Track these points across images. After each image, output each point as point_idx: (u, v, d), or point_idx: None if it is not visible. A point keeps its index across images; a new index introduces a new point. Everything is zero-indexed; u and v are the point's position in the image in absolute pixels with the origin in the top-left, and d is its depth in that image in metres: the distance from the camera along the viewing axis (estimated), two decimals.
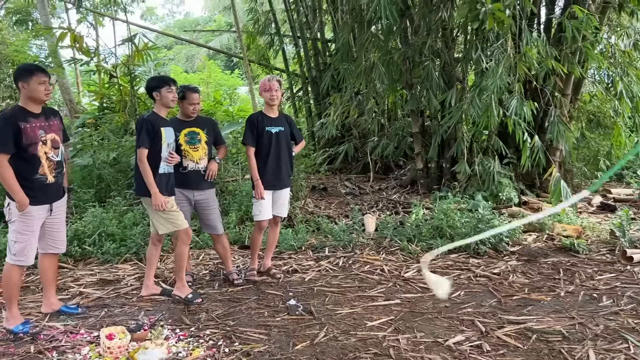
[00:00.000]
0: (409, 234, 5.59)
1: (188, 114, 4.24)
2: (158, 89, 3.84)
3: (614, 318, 3.65)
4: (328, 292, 4.16)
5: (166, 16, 39.82)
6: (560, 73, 6.93)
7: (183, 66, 25.61)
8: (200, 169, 4.22)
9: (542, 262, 4.96)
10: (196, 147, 4.23)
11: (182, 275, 3.96)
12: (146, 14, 31.15)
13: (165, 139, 3.82)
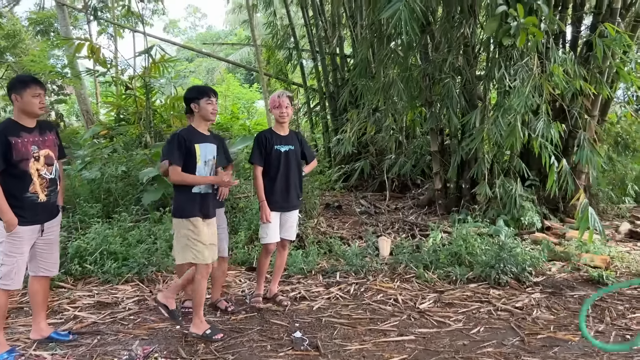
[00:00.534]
0: (426, 260, 5.30)
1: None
2: (196, 100, 3.56)
3: None
4: (337, 324, 3.89)
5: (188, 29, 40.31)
6: (587, 93, 6.62)
7: (203, 79, 25.72)
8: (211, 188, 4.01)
9: (569, 296, 4.61)
10: None
11: (200, 311, 3.61)
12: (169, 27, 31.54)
13: (200, 156, 3.53)
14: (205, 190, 3.57)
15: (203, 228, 3.51)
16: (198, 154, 3.51)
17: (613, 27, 6.14)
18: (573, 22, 7.83)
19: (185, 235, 3.47)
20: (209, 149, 3.60)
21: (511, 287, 4.79)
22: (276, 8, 12.29)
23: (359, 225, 7.32)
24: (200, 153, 3.52)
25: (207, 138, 3.62)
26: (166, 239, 5.31)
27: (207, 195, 3.57)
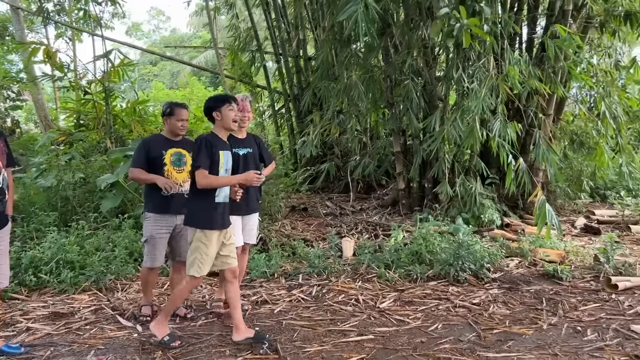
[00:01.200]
0: (388, 260, 5.35)
1: (176, 132, 4.04)
2: (218, 109, 3.52)
3: (599, 355, 3.43)
4: (297, 327, 3.89)
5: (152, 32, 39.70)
6: (542, 93, 6.82)
7: (168, 82, 25.39)
8: (184, 193, 3.97)
9: (525, 291, 4.74)
10: (181, 169, 4.01)
11: (169, 312, 3.59)
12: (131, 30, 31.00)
13: (223, 164, 3.50)
14: (225, 199, 3.55)
15: (214, 241, 3.46)
16: (221, 162, 3.48)
17: (564, 29, 6.34)
18: (528, 23, 8.07)
19: (197, 248, 3.43)
20: (229, 157, 3.59)
21: (470, 284, 4.89)
22: (239, 11, 12.25)
23: (324, 226, 7.35)
24: (223, 161, 3.50)
25: (227, 146, 3.61)
26: (125, 246, 5.22)
27: (226, 205, 3.56)
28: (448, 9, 5.17)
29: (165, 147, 3.96)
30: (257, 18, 12.12)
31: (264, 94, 12.23)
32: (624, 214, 7.81)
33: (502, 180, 7.56)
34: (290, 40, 10.50)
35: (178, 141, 4.06)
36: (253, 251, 5.52)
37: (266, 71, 11.29)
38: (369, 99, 8.25)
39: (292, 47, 10.37)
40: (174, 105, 4.04)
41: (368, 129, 10.18)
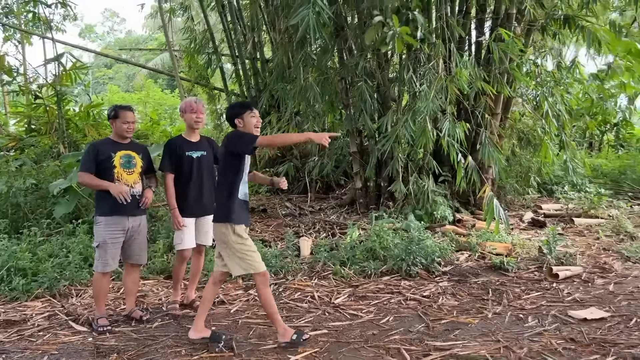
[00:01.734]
0: (343, 257, 5.50)
1: (122, 134, 4.03)
2: (240, 116, 3.57)
3: (538, 339, 3.66)
4: (253, 325, 3.98)
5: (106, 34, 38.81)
6: (489, 93, 7.11)
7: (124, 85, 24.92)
8: (136, 194, 4.00)
9: (473, 282, 4.97)
10: (131, 171, 4.02)
11: (277, 318, 3.58)
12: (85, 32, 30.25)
13: (246, 165, 3.60)
14: (245, 197, 3.61)
15: (246, 235, 3.53)
16: (246, 162, 3.59)
17: (507, 33, 6.64)
18: (476, 26, 8.39)
19: (237, 250, 3.46)
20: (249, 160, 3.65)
21: (421, 278, 5.08)
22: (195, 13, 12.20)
23: (283, 227, 7.44)
24: (247, 162, 3.60)
25: None
26: (80, 252, 5.18)
27: (247, 203, 3.64)
28: (382, 17, 5.37)
29: (114, 150, 3.96)
30: (213, 20, 12.10)
31: (221, 96, 12.21)
32: (569, 208, 8.21)
33: (454, 178, 7.83)
34: (247, 42, 10.54)
35: (126, 144, 4.06)
36: (211, 253, 5.55)
37: (223, 73, 11.29)
38: (325, 101, 8.40)
39: (249, 49, 10.41)
40: (118, 108, 4.05)
41: (326, 130, 10.32)
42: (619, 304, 4.35)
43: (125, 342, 3.65)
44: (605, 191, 8.53)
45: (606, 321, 3.98)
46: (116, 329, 3.90)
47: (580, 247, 6.23)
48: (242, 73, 10.61)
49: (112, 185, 3.85)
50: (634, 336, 3.68)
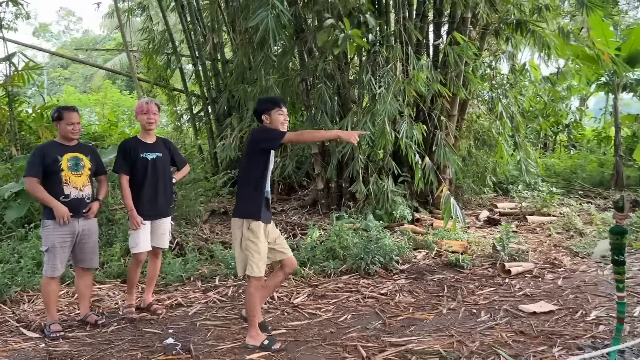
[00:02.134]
0: (304, 257, 5.53)
1: (67, 136, 3.93)
2: (268, 112, 3.53)
3: (489, 333, 3.79)
4: (212, 326, 3.96)
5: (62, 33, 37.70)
6: (446, 96, 7.29)
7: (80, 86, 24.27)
8: (85, 197, 3.92)
9: (429, 279, 5.09)
10: (79, 174, 3.92)
11: (255, 323, 3.58)
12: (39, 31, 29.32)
13: (272, 161, 3.57)
14: (267, 195, 3.57)
15: (262, 234, 3.48)
16: (271, 158, 3.56)
17: (462, 37, 6.83)
18: (434, 30, 8.58)
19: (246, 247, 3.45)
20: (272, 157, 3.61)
21: (379, 276, 5.17)
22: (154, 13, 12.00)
23: None
24: (272, 158, 3.57)
25: None
26: (32, 257, 5.03)
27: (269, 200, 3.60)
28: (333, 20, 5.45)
29: (60, 153, 3.86)
30: (173, 21, 11.94)
31: (181, 97, 12.06)
32: (522, 206, 8.49)
33: (413, 178, 7.99)
34: (207, 43, 10.44)
35: (73, 146, 3.96)
36: (169, 256, 5.50)
37: (183, 74, 11.15)
38: (287, 102, 8.41)
39: (209, 50, 10.32)
40: (62, 109, 3.95)
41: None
42: (567, 298, 4.54)
43: (79, 348, 3.58)
44: (557, 190, 8.85)
45: (554, 314, 4.16)
46: (70, 334, 3.82)
47: (532, 243, 6.46)
48: (202, 74, 10.51)
49: (57, 208, 3.73)
50: (579, 328, 3.85)
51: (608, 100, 14.45)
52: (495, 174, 9.32)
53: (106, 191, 4.20)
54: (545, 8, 7.70)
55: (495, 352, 3.43)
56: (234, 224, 3.57)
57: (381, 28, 7.56)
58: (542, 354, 3.40)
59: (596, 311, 4.16)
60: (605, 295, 4.58)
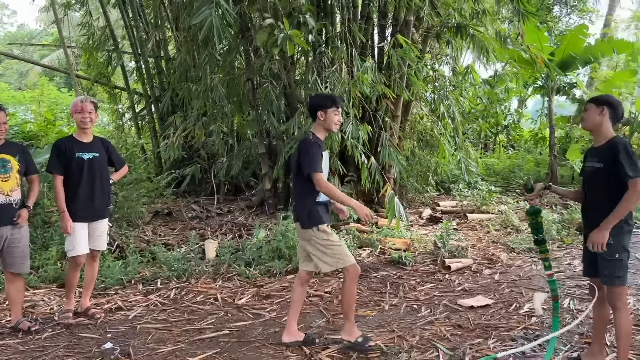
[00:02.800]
0: (249, 258, 5.50)
1: None
2: (325, 109, 3.41)
3: (429, 327, 3.90)
4: (152, 330, 3.88)
5: None
6: (390, 97, 7.43)
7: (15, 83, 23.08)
8: (13, 202, 3.73)
9: (372, 277, 5.19)
10: (7, 177, 3.73)
11: (351, 317, 3.52)
12: None
13: (324, 165, 3.42)
14: (325, 199, 3.50)
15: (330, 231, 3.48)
16: (324, 162, 3.43)
17: (405, 40, 6.98)
18: (379, 32, 8.73)
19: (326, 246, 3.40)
20: (327, 159, 3.51)
21: (325, 275, 5.20)
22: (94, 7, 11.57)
23: (188, 230, 7.28)
24: (325, 161, 3.45)
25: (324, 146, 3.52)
26: None
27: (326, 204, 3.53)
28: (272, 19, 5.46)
29: None
30: (114, 16, 11.56)
31: (123, 95, 11.70)
32: (463, 204, 8.78)
33: (359, 178, 8.11)
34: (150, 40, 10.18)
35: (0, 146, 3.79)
36: (109, 259, 5.33)
37: (124, 72, 10.83)
38: (232, 101, 8.33)
39: (151, 47, 10.07)
40: None
41: (235, 131, 10.24)
42: (502, 292, 4.74)
43: (10, 356, 3.42)
44: (496, 188, 9.22)
45: (490, 307, 4.33)
46: (0, 342, 3.64)
47: (471, 240, 6.69)
48: (145, 71, 10.25)
49: None
50: (513, 320, 4.03)
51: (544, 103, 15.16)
52: (437, 174, 9.59)
53: (37, 193, 4.02)
54: (483, 13, 8.00)
55: (434, 346, 3.54)
56: (302, 232, 3.52)
57: (326, 29, 7.61)
58: (478, 346, 3.53)
59: (529, 304, 4.36)
60: (538, 288, 4.81)
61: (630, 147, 2.89)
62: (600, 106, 3.01)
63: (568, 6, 15.24)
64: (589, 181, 3.10)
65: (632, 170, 2.79)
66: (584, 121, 3.12)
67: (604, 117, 3.00)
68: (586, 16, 15.62)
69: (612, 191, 2.89)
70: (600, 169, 2.96)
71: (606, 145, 2.97)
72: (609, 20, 15.63)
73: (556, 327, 3.20)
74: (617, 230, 2.88)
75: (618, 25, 17.97)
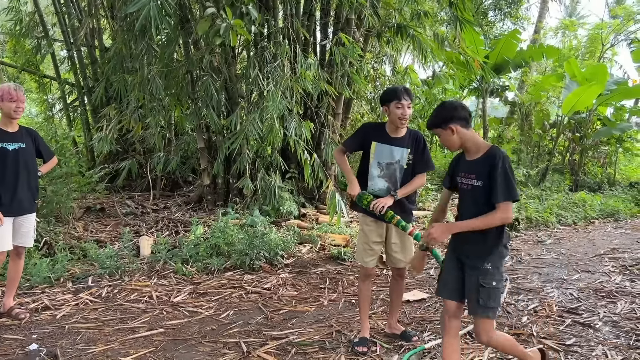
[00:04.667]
0: (186, 255, 5.37)
1: None
2: (387, 103, 3.32)
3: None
4: (82, 329, 3.71)
5: None
6: (332, 95, 7.47)
7: None
8: None
9: (312, 273, 5.20)
10: None
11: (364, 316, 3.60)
12: None
13: (374, 155, 3.35)
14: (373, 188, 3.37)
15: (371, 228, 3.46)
16: (373, 151, 3.36)
17: (347, 38, 7.04)
18: (321, 29, 8.75)
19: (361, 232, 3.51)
20: (386, 151, 3.35)
21: (264, 271, 5.18)
22: None
23: (122, 227, 7.02)
24: (376, 151, 3.36)
25: (394, 141, 3.37)
26: None
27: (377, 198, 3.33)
28: (214, 8, 5.37)
29: None
30: (45, 2, 10.94)
31: (53, 85, 11.10)
32: None
33: (300, 174, 8.11)
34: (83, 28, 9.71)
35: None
36: (36, 256, 5.05)
37: (55, 60, 10.27)
38: (171, 94, 8.10)
39: (84, 35, 9.61)
40: None
41: (172, 125, 9.96)
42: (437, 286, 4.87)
43: None
44: (432, 186, 9.48)
45: (425, 301, 4.46)
46: None
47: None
48: (77, 61, 9.77)
49: None
50: None
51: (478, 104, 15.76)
52: None
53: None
54: (424, 14, 8.19)
55: (372, 340, 3.58)
56: None
57: (268, 24, 7.54)
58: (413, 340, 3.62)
59: None
60: None
61: (509, 163, 2.54)
62: (447, 128, 2.62)
63: (502, 12, 15.89)
64: (466, 199, 2.72)
65: (506, 192, 2.48)
66: (448, 147, 2.74)
67: (460, 132, 2.60)
68: (519, 22, 16.36)
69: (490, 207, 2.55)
70: (480, 187, 2.59)
71: (483, 159, 2.60)
72: (539, 27, 16.46)
73: None
74: (498, 256, 2.60)
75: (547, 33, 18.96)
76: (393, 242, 3.51)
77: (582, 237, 7.71)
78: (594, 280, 5.11)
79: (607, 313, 4.11)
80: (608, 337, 3.63)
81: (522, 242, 7.15)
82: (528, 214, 8.46)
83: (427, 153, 3.48)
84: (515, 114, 13.84)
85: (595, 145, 13.06)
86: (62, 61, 10.40)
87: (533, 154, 13.54)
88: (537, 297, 4.55)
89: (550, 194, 10.53)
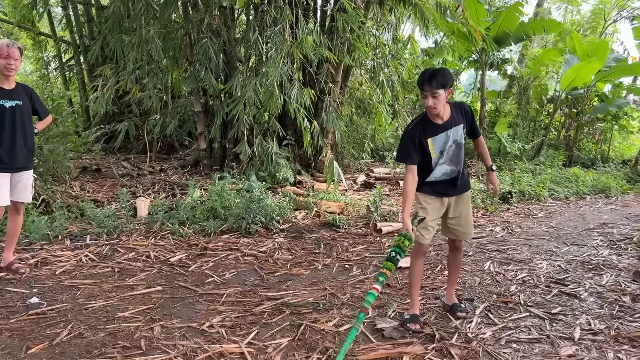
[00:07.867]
0: (183, 217, 5.43)
1: None
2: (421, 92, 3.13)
3: (359, 286, 4.05)
4: (81, 285, 3.78)
5: None
6: (332, 61, 7.42)
7: None
8: None
9: (307, 238, 5.29)
10: None
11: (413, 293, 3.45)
12: None
13: (434, 149, 3.20)
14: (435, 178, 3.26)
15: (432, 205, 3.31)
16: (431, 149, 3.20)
17: (350, 4, 6.95)
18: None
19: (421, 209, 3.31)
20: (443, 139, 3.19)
21: (260, 235, 5.26)
22: None
23: (119, 188, 7.05)
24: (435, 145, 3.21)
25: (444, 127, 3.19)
26: None
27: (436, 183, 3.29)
28: None
29: None
30: None
31: (48, 42, 10.94)
32: (396, 172, 9.04)
33: (297, 141, 8.13)
34: None
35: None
36: (34, 213, 5.10)
37: (51, 18, 10.10)
38: (169, 56, 8.01)
39: None
40: None
41: (169, 87, 9.88)
42: (429, 254, 4.98)
43: None
44: None
45: None
46: None
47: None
48: (73, 19, 9.61)
49: None
50: (438, 280, 4.27)
51: (477, 77, 15.71)
52: (374, 141, 9.78)
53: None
54: None
55: None
56: None
57: None
58: (404, 304, 3.72)
59: None
60: None
61: None
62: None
63: None
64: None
65: None
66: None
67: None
68: None
69: None
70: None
71: None
72: (542, 1, 16.26)
73: (352, 337, 2.78)
74: None
75: (550, 6, 18.73)
76: (451, 216, 3.43)
77: (573, 211, 7.83)
78: (582, 253, 5.23)
79: (593, 285, 4.23)
80: (592, 307, 3.74)
81: (513, 215, 7.26)
82: (521, 187, 8.56)
83: (474, 118, 3.43)
84: (513, 87, 13.81)
85: (591, 122, 13.12)
86: (60, 20, 10.20)
87: (529, 128, 13.59)
88: (526, 267, 4.66)
89: (544, 168, 10.63)
